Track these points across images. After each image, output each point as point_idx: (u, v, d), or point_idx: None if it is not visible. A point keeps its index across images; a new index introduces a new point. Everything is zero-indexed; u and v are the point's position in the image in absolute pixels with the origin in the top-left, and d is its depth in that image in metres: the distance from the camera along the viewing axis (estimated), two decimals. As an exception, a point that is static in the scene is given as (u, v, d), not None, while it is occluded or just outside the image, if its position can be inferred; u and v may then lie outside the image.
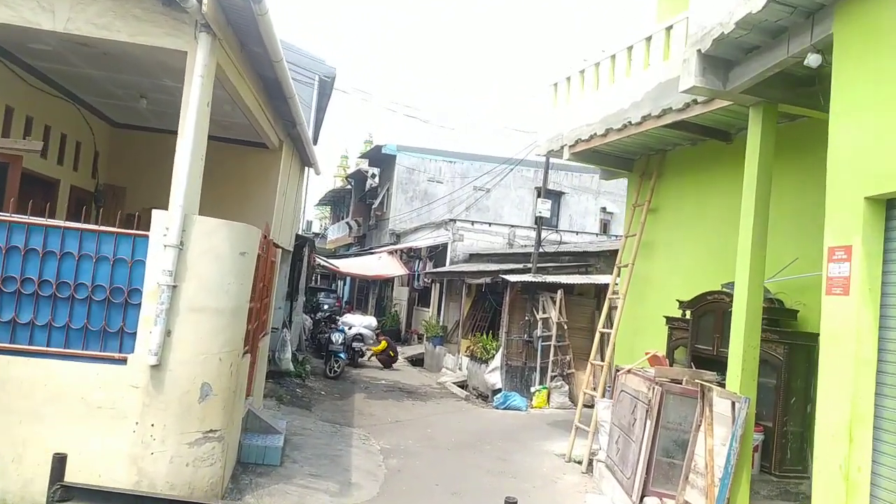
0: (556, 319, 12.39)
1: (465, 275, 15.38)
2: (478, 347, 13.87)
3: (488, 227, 19.30)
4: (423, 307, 20.62)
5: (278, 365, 11.09)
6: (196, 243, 4.90)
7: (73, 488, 2.43)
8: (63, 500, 2.41)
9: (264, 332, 8.09)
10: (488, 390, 12.76)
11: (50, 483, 2.42)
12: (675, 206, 8.02)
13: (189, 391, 4.87)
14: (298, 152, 10.22)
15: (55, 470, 2.45)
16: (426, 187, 25.01)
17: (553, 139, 8.62)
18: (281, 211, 9.32)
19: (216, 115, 7.37)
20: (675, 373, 6.12)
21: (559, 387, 12.30)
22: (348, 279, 34.97)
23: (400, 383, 13.95)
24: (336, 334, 13.77)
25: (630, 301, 8.31)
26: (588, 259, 13.89)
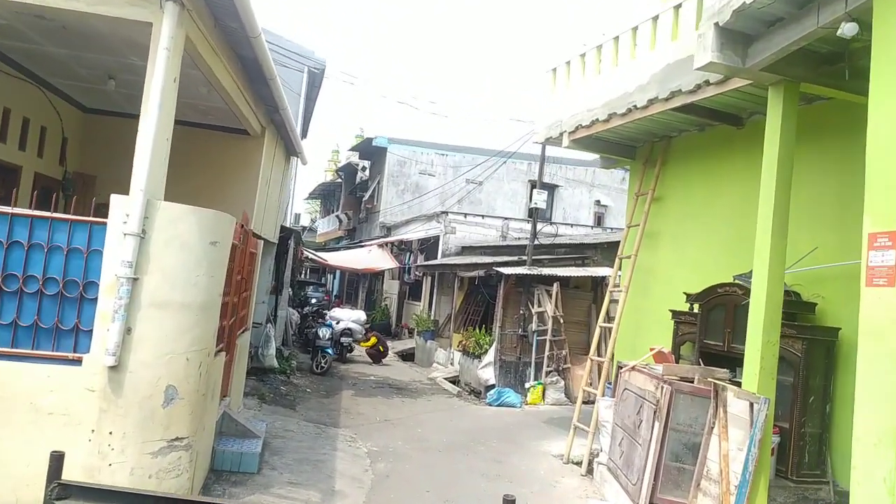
0: (552, 313, 11.97)
1: (457, 268, 14.93)
2: (470, 342, 13.44)
3: (481, 220, 18.83)
4: (414, 301, 20.16)
5: (262, 362, 10.60)
6: (160, 231, 4.41)
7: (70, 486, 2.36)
8: (60, 497, 2.33)
9: (244, 327, 7.61)
10: (481, 386, 12.33)
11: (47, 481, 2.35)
12: (681, 194, 7.59)
13: (152, 395, 4.39)
14: (283, 140, 9.71)
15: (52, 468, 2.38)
16: (417, 180, 24.52)
17: (552, 126, 8.15)
18: (264, 201, 8.82)
19: (192, 97, 6.86)
20: (685, 370, 5.70)
21: (555, 382, 11.89)
22: (338, 273, 34.46)
23: (389, 379, 13.50)
24: (323, 329, 13.29)
25: (632, 294, 7.88)
26: (585, 251, 13.47)
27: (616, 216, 27.14)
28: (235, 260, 5.79)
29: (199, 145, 8.03)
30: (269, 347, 10.60)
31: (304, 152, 10.49)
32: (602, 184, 27.50)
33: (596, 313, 12.83)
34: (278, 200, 10.62)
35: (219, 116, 7.63)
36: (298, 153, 10.29)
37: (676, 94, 6.15)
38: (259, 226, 8.68)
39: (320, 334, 13.15)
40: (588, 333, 12.88)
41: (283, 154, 10.17)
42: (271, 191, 9.49)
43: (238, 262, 5.95)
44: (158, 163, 4.51)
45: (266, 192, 8.91)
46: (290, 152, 10.59)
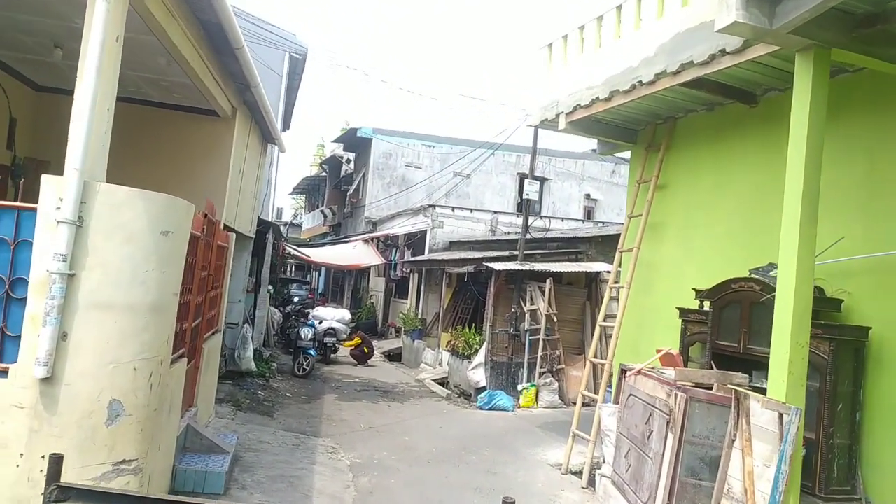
0: (545, 311, 11.41)
1: (445, 263, 14.33)
2: (459, 342, 12.86)
3: (470, 214, 18.26)
4: (400, 299, 19.55)
5: (238, 365, 9.95)
6: (101, 219, 3.76)
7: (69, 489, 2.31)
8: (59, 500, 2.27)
9: (214, 329, 6.96)
10: (471, 388, 11.76)
11: (46, 483, 2.29)
12: (687, 181, 7.04)
13: (93, 412, 3.75)
14: (258, 125, 9.03)
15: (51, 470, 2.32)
16: (404, 172, 23.88)
17: (547, 107, 7.57)
18: (237, 191, 8.15)
19: (151, 71, 6.19)
20: (699, 375, 5.14)
21: (548, 384, 11.35)
22: (323, 270, 33.73)
23: (375, 381, 12.88)
24: (305, 329, 12.64)
25: (634, 291, 7.33)
26: (578, 245, 12.93)
27: (606, 210, 26.71)
28: (198, 254, 5.15)
29: (163, 127, 7.36)
30: (247, 349, 9.94)
31: (281, 139, 9.82)
32: (592, 177, 27.07)
33: (591, 311, 12.31)
34: (255, 191, 9.95)
35: (185, 95, 6.96)
36: (276, 139, 9.62)
37: (687, 67, 5.58)
38: (231, 217, 8.02)
39: (302, 335, 12.50)
40: (583, 332, 12.36)
41: (258, 140, 9.50)
42: (246, 180, 8.83)
43: (202, 256, 5.31)
44: (98, 137, 3.86)
45: (239, 180, 8.25)
46: (267, 139, 9.91)
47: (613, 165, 27.38)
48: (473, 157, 23.82)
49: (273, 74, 19.60)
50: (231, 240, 7.40)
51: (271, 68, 19.14)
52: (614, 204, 27.24)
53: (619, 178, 27.55)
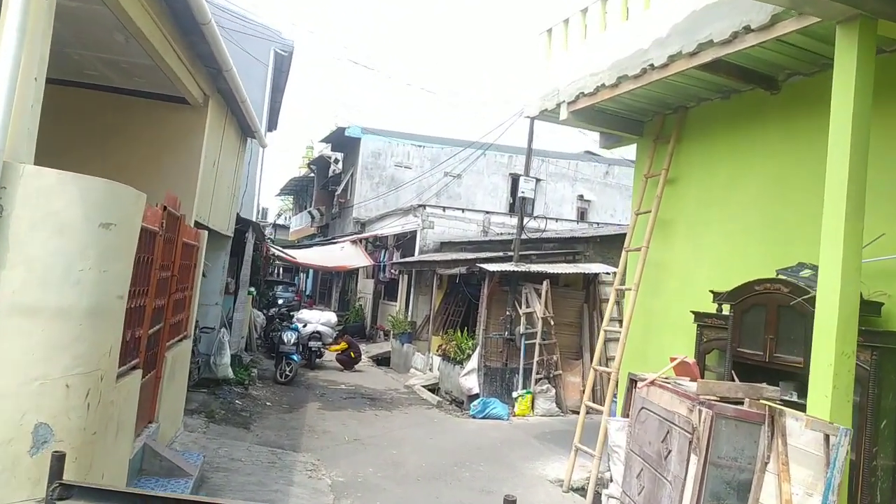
0: (542, 314, 10.84)
1: (436, 264, 13.73)
2: (451, 346, 12.26)
3: (461, 214, 17.67)
4: (389, 301, 18.92)
5: (214, 372, 9.29)
6: (26, 207, 3.13)
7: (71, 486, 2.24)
8: (62, 498, 2.21)
9: (181, 335, 6.32)
10: (464, 395, 11.16)
11: (49, 481, 2.22)
12: (700, 175, 6.48)
13: (13, 438, 3.12)
14: (235, 117, 8.40)
15: (53, 468, 2.24)
16: (393, 172, 23.26)
17: (547, 96, 6.99)
18: (210, 186, 7.52)
19: (107, 50, 5.55)
20: (725, 388, 4.57)
21: (545, 391, 10.77)
22: (311, 272, 33.02)
23: (362, 388, 12.26)
24: (288, 333, 11.98)
25: (640, 293, 6.76)
26: (575, 246, 12.38)
27: (599, 212, 26.25)
28: (155, 251, 4.52)
29: (129, 116, 6.72)
30: (223, 355, 9.29)
31: (262, 133, 9.18)
32: (585, 178, 26.63)
33: (589, 314, 11.76)
34: (232, 188, 9.31)
35: (150, 80, 6.32)
36: (255, 132, 8.98)
37: (706, 47, 5.02)
38: (204, 214, 7.39)
39: (285, 339, 11.85)
40: (580, 336, 11.80)
41: (235, 134, 8.86)
42: (221, 175, 8.20)
43: (160, 254, 4.68)
44: (24, 112, 3.23)
45: (213, 175, 7.61)
46: (246, 132, 9.28)
47: (607, 167, 26.98)
48: (464, 156, 23.26)
49: (257, 71, 18.97)
50: (202, 238, 6.76)
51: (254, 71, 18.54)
52: (608, 205, 26.81)
53: (613, 180, 27.14)
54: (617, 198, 27.24)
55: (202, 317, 9.42)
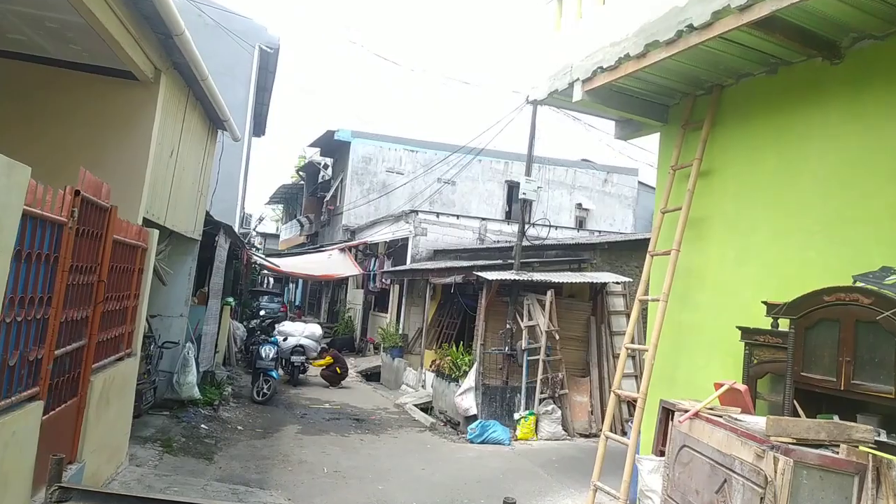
0: (546, 327, 9.81)
1: (429, 273, 12.69)
2: (445, 362, 11.20)
3: (456, 221, 16.65)
4: (380, 312, 17.84)
5: (178, 392, 8.20)
6: None
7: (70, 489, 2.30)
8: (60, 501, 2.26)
9: (120, 353, 5.26)
10: (460, 416, 10.10)
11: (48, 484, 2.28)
12: (740, 165, 5.50)
13: None
14: (200, 103, 7.38)
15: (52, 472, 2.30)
16: (384, 178, 22.24)
17: (558, 75, 6.02)
18: (166, 178, 6.49)
19: (26, 3, 4.53)
20: (803, 428, 3.54)
21: (550, 412, 9.72)
22: (300, 282, 31.90)
23: (348, 407, 11.17)
24: (266, 347, 10.89)
25: (669, 304, 5.74)
26: (580, 253, 11.38)
27: (598, 220, 25.36)
28: (63, 249, 3.47)
29: (63, 93, 5.69)
30: (188, 374, 8.21)
31: (232, 123, 8.15)
32: (583, 186, 25.78)
33: (596, 327, 10.74)
34: (200, 185, 8.27)
35: (90, 49, 5.30)
36: (224, 121, 7.95)
37: (761, 0, 4.06)
38: (158, 211, 6.35)
39: (262, 353, 10.76)
40: (587, 351, 10.78)
41: (202, 123, 7.84)
42: (183, 170, 7.17)
43: (71, 252, 3.63)
44: None
45: (171, 167, 6.58)
46: (216, 123, 8.26)
47: (605, 175, 26.17)
48: (459, 162, 22.33)
49: (241, 69, 18.01)
50: (150, 237, 5.71)
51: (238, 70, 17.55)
52: (607, 214, 25.96)
53: (612, 188, 26.33)
54: (616, 206, 26.39)
55: (164, 330, 8.36)
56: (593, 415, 10.45)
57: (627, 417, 10.88)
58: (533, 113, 10.06)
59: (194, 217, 8.19)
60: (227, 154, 17.92)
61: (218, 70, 17.80)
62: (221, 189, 17.56)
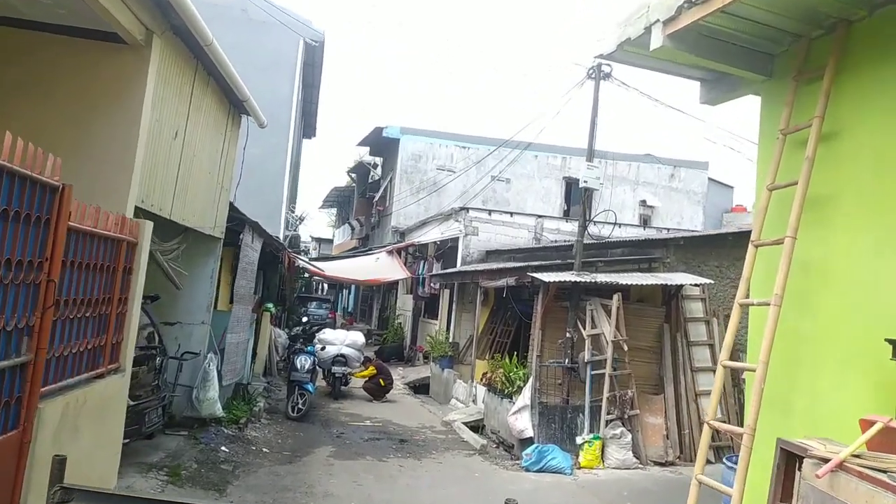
0: (612, 336, 8.51)
1: (478, 275, 11.57)
2: (497, 375, 10.04)
3: (509, 219, 15.47)
4: (430, 319, 16.83)
5: (198, 409, 7.36)
6: None
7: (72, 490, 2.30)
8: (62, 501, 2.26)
9: (104, 368, 4.37)
10: (513, 438, 8.92)
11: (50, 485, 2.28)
12: (880, 125, 4.12)
13: None
14: (211, 76, 6.52)
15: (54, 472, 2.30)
16: (435, 177, 21.24)
17: (631, 19, 4.80)
18: (168, 162, 5.62)
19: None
20: None
21: (618, 436, 8.40)
22: (353, 287, 31.33)
23: (390, 425, 10.15)
24: (302, 357, 10.01)
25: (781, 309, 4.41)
26: (650, 251, 10.01)
27: (664, 218, 23.61)
28: None
29: (40, 61, 4.88)
30: (208, 388, 7.36)
31: (253, 103, 7.26)
32: (647, 181, 24.16)
33: (671, 336, 9.35)
34: (219, 175, 7.43)
35: (67, 5, 4.46)
36: (244, 102, 7.06)
37: None
38: (160, 201, 5.50)
39: (298, 364, 9.88)
40: (660, 364, 9.39)
41: (218, 103, 7.00)
42: (193, 154, 6.32)
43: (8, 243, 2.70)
44: None
45: (173, 148, 5.72)
46: (236, 105, 7.41)
47: (672, 169, 24.47)
48: (513, 158, 21.14)
49: (285, 64, 17.39)
50: (142, 230, 4.82)
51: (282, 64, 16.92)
52: (674, 211, 24.22)
53: (679, 183, 24.59)
54: (684, 203, 24.62)
55: (185, 339, 7.56)
56: (669, 439, 9.04)
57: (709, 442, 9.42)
58: (595, 86, 8.82)
59: (213, 212, 7.36)
60: (270, 153, 17.37)
61: (262, 65, 17.36)
62: (265, 190, 16.97)
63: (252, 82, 16.60)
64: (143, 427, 5.78)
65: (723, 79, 5.29)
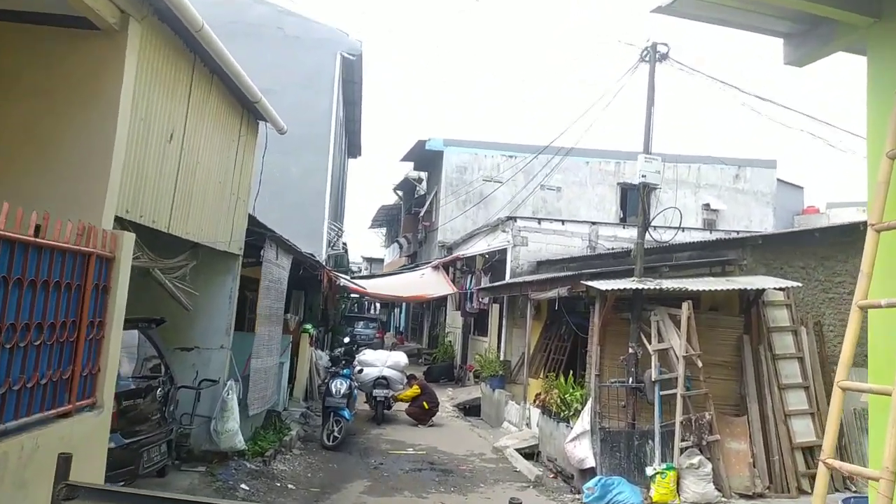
0: (684, 351, 7.38)
1: (527, 287, 10.60)
2: (552, 396, 9.00)
3: (561, 227, 14.42)
4: (480, 336, 15.87)
5: (216, 442, 6.67)
6: None
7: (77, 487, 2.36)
8: (67, 498, 2.31)
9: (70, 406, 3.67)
10: (573, 468, 7.86)
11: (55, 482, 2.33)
12: None
13: None
14: (215, 73, 5.88)
15: (60, 469, 2.36)
16: (481, 189, 20.35)
17: (694, -46, 3.84)
18: (157, 166, 4.97)
19: None
20: None
21: (695, 466, 7.22)
22: (403, 305, 30.68)
23: (436, 452, 9.24)
24: (337, 381, 9.25)
25: None
26: (724, 252, 8.82)
27: (730, 222, 21.93)
28: None
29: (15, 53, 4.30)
30: (226, 420, 6.66)
31: (266, 104, 6.58)
32: (710, 184, 22.59)
33: (752, 349, 8.14)
34: (232, 186, 6.79)
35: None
36: (255, 102, 6.39)
37: None
38: (151, 211, 4.84)
39: (332, 389, 9.14)
40: (739, 382, 8.18)
41: (227, 105, 6.36)
42: (196, 161, 5.68)
43: None
44: None
45: (168, 153, 5.08)
46: (250, 109, 6.77)
47: (737, 169, 22.86)
48: (561, 162, 20.07)
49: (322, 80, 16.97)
50: (120, 244, 4.14)
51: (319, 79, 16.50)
52: (741, 214, 22.51)
53: (745, 185, 22.93)
54: (752, 205, 22.89)
55: (203, 366, 6.91)
56: (756, 467, 7.78)
57: (804, 470, 8.10)
58: (651, 68, 7.79)
59: (227, 226, 6.72)
60: (310, 171, 16.96)
61: (300, 81, 17.02)
62: (306, 208, 16.52)
63: (290, 99, 16.28)
64: (140, 467, 5.08)
65: (813, 30, 4.22)
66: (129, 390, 5.17)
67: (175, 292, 5.76)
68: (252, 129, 7.26)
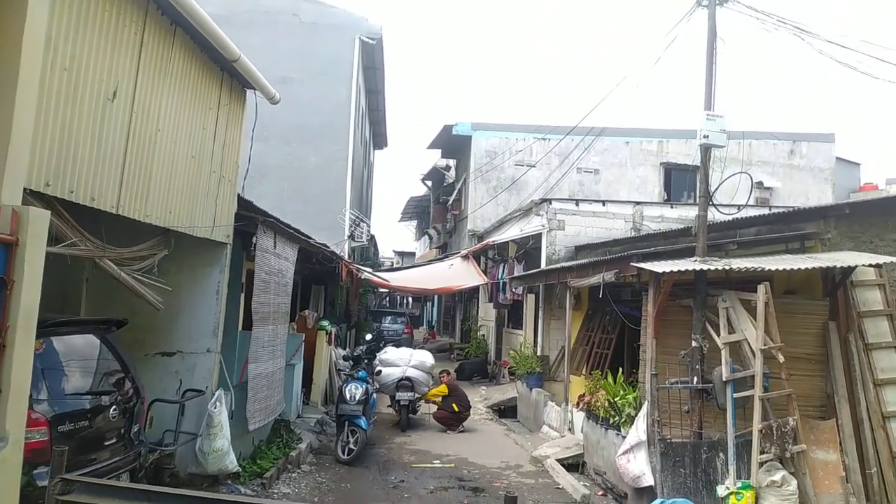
0: (761, 343, 6.08)
1: (565, 273, 9.38)
2: (598, 398, 7.79)
3: (601, 208, 13.10)
4: (515, 329, 14.69)
5: (202, 465, 5.67)
6: None
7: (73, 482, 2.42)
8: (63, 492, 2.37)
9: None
10: (627, 486, 6.65)
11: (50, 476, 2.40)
12: None
13: None
14: (177, 24, 4.85)
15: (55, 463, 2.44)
16: (513, 173, 19.08)
17: None
18: (91, 130, 3.95)
19: None
20: None
21: (777, 483, 5.95)
22: (435, 298, 29.66)
23: (466, 464, 8.13)
24: (352, 386, 8.21)
25: None
26: (802, 226, 7.43)
27: (786, 200, 20.19)
28: None
29: None
30: (214, 438, 5.66)
31: (247, 64, 5.52)
32: (763, 160, 20.93)
33: (840, 337, 6.79)
34: (212, 162, 5.76)
35: None
36: (233, 62, 5.33)
37: None
38: (79, 184, 3.82)
39: (347, 395, 8.11)
40: (825, 377, 6.85)
41: (200, 67, 5.32)
42: (156, 129, 4.66)
43: None
44: None
45: (108, 113, 4.06)
46: (227, 70, 5.73)
47: (791, 144, 21.19)
48: (602, 147, 18.70)
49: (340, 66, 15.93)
50: (25, 224, 3.13)
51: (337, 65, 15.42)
52: (797, 192, 20.81)
53: (800, 160, 21.22)
54: (809, 182, 21.18)
55: (187, 373, 5.93)
56: (850, 482, 6.44)
57: None
58: (711, 10, 6.48)
59: (210, 209, 5.70)
60: (329, 160, 16.01)
61: (317, 69, 16.03)
62: (325, 200, 15.57)
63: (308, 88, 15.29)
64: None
65: None
66: (76, 411, 4.19)
67: (137, 287, 4.77)
68: (238, 98, 6.22)
